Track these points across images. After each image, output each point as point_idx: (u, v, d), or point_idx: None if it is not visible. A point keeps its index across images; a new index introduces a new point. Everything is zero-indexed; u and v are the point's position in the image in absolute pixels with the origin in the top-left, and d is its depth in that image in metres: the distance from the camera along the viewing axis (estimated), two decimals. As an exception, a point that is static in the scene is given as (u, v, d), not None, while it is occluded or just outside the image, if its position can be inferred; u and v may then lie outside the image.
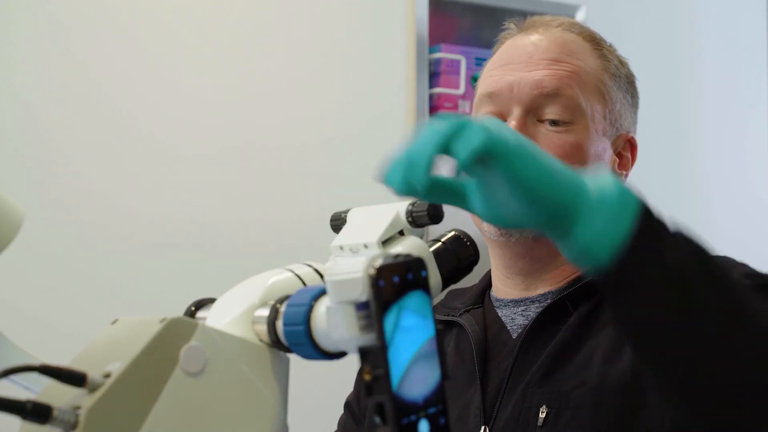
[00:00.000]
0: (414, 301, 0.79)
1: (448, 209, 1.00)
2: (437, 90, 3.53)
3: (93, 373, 0.84)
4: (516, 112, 1.42)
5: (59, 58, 3.07)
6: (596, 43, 1.49)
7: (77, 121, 3.08)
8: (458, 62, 3.53)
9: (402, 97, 3.47)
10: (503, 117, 1.44)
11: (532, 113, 1.43)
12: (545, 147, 1.39)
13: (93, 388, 0.83)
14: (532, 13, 1.54)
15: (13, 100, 3.03)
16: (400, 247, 0.98)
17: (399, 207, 1.01)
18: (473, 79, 3.53)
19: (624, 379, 1.30)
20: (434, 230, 1.13)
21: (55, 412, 0.82)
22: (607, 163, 1.46)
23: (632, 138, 1.51)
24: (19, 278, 2.94)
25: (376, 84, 3.45)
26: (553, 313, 1.40)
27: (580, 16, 3.71)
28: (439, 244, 1.03)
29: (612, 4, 3.81)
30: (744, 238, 4.00)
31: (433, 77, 3.53)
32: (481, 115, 1.47)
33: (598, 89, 1.45)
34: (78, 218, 3.05)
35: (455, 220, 1.07)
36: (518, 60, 1.45)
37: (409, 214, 1.00)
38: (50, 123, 3.06)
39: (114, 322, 0.94)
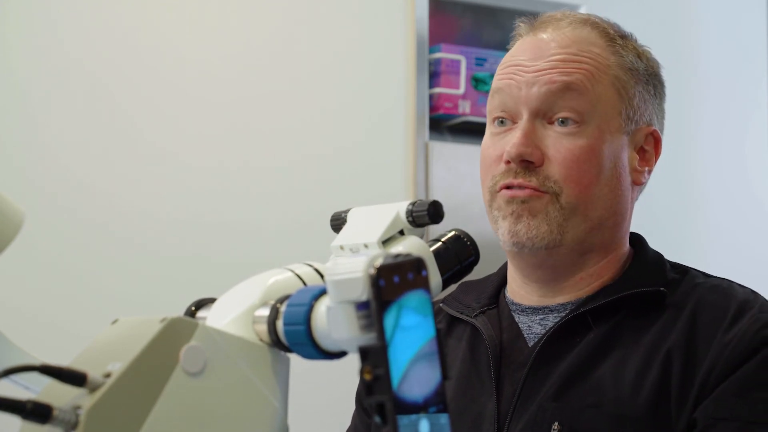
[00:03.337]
0: (414, 300, 0.79)
1: (448, 209, 1.00)
2: (437, 90, 3.53)
3: (93, 373, 0.84)
4: (524, 115, 1.38)
5: (59, 60, 3.08)
6: (610, 39, 1.43)
7: (78, 122, 3.08)
8: (458, 62, 3.53)
9: (402, 97, 3.47)
10: (512, 119, 1.40)
11: (541, 115, 1.38)
12: (554, 151, 1.36)
13: (93, 388, 0.83)
14: (533, 13, 1.50)
15: (14, 101, 3.03)
16: (401, 247, 0.98)
17: (399, 207, 1.01)
18: (474, 80, 3.53)
19: (643, 411, 1.28)
20: (434, 230, 1.13)
21: (56, 412, 0.82)
22: (625, 162, 1.41)
23: (655, 131, 1.45)
24: (19, 278, 2.94)
25: (376, 84, 3.45)
26: (572, 325, 1.37)
27: (580, 16, 3.71)
28: (440, 243, 1.03)
29: (612, 4, 3.81)
30: (743, 239, 4.01)
31: (433, 77, 3.54)
32: (492, 115, 1.42)
33: (612, 85, 1.40)
34: (78, 219, 3.05)
35: (455, 220, 1.07)
36: (527, 58, 1.41)
37: (410, 213, 1.00)
38: (51, 124, 3.06)
39: (114, 322, 0.94)
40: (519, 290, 1.46)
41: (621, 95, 1.41)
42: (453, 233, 1.04)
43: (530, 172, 1.36)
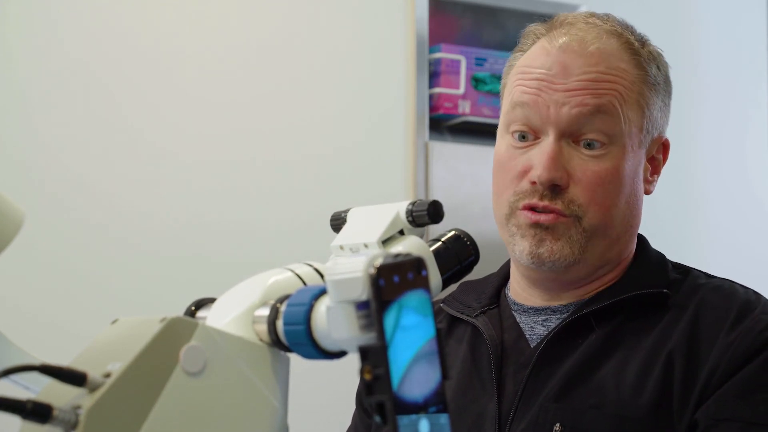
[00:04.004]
0: (414, 300, 0.79)
1: (448, 209, 1.00)
2: (437, 90, 3.53)
3: (93, 373, 0.84)
4: (551, 135, 1.36)
5: (59, 60, 3.08)
6: (634, 51, 1.40)
7: (78, 122, 3.08)
8: (458, 62, 3.53)
9: (402, 97, 3.47)
10: (535, 134, 1.37)
11: (568, 135, 1.36)
12: (580, 174, 1.35)
13: (93, 388, 0.83)
14: (533, 14, 1.48)
15: (14, 101, 3.03)
16: (401, 247, 0.98)
17: (399, 207, 1.00)
18: (474, 80, 3.53)
19: (645, 412, 1.29)
20: (434, 230, 1.13)
21: (56, 412, 0.82)
22: (641, 175, 1.41)
23: (666, 140, 1.45)
24: (19, 278, 2.94)
25: (376, 84, 3.45)
26: (574, 327, 1.37)
27: (580, 16, 3.70)
28: (440, 243, 1.03)
29: (612, 4, 3.80)
30: (743, 239, 4.01)
31: (433, 77, 3.54)
32: (512, 128, 1.39)
33: (637, 102, 1.39)
34: (78, 219, 3.05)
35: (455, 220, 1.07)
36: (555, 73, 1.37)
37: (410, 213, 1.00)
38: (51, 124, 3.06)
39: (114, 322, 0.94)
40: (522, 292, 1.45)
41: (643, 111, 1.40)
42: (453, 233, 1.04)
43: (556, 195, 1.35)
